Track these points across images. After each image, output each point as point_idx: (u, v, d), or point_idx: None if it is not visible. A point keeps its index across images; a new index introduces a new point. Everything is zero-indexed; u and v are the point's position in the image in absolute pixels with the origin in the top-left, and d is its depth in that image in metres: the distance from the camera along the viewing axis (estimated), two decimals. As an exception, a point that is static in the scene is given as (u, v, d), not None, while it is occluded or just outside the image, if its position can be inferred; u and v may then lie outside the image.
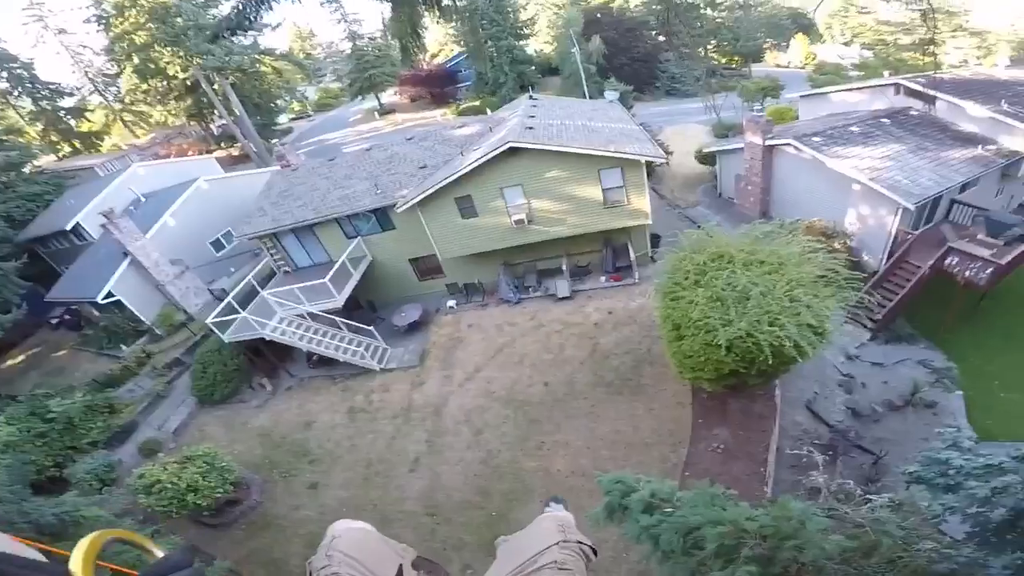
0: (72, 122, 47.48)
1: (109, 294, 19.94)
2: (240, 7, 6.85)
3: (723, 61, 52.88)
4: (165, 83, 40.47)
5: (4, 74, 42.31)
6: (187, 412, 17.41)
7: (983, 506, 5.36)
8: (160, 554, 0.77)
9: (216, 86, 39.05)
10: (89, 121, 48.69)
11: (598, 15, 45.17)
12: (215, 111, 42.67)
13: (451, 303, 18.96)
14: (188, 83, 39.75)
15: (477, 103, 43.09)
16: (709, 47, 50.93)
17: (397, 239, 18.56)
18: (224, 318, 16.73)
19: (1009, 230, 14.98)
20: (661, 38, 46.25)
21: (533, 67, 47.65)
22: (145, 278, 20.73)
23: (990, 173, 16.98)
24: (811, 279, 9.95)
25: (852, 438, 12.16)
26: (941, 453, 6.21)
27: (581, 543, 1.91)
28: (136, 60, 38.63)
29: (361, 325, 17.48)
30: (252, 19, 6.86)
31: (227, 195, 25.16)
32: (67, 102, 46.98)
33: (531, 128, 16.38)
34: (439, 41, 64.20)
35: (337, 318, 17.18)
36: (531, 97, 22.81)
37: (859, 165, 16.18)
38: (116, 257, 20.71)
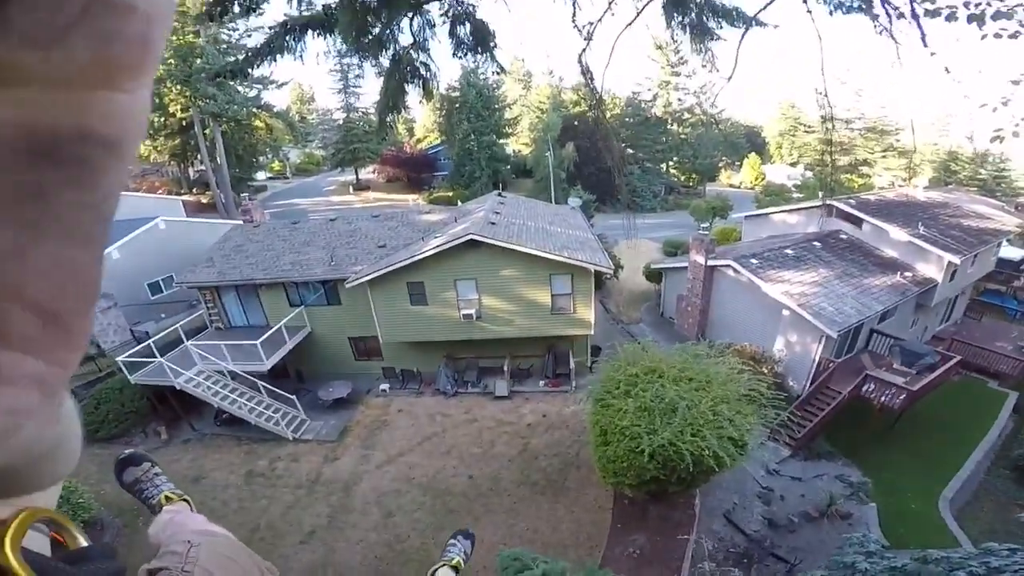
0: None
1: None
2: (248, 55, 7.06)
3: (682, 178, 56.13)
4: (163, 119, 40.15)
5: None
6: (61, 444, 15.98)
7: (888, 609, 5.34)
8: (84, 543, 0.67)
9: (207, 131, 39.13)
10: (72, 145, 48.22)
11: (576, 122, 47.56)
12: (198, 155, 42.34)
13: (384, 386, 18.51)
14: (184, 123, 39.80)
15: (450, 194, 43.88)
16: (671, 163, 53.88)
17: (341, 315, 18.30)
18: (137, 359, 16.01)
19: (921, 360, 16.31)
20: (629, 151, 48.38)
21: (508, 166, 49.59)
22: (66, 306, 19.63)
23: (907, 303, 18.35)
24: (735, 397, 10.68)
25: (767, 547, 12.32)
26: (847, 557, 6.24)
27: None
28: (144, 91, 39.22)
29: (283, 393, 16.83)
30: (255, 66, 7.23)
31: (182, 240, 24.65)
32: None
33: (494, 224, 16.95)
34: (426, 127, 67.20)
35: (259, 382, 16.51)
36: (500, 194, 23.85)
37: (790, 291, 17.08)
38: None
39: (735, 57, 6.43)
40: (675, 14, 6.85)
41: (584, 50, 6.16)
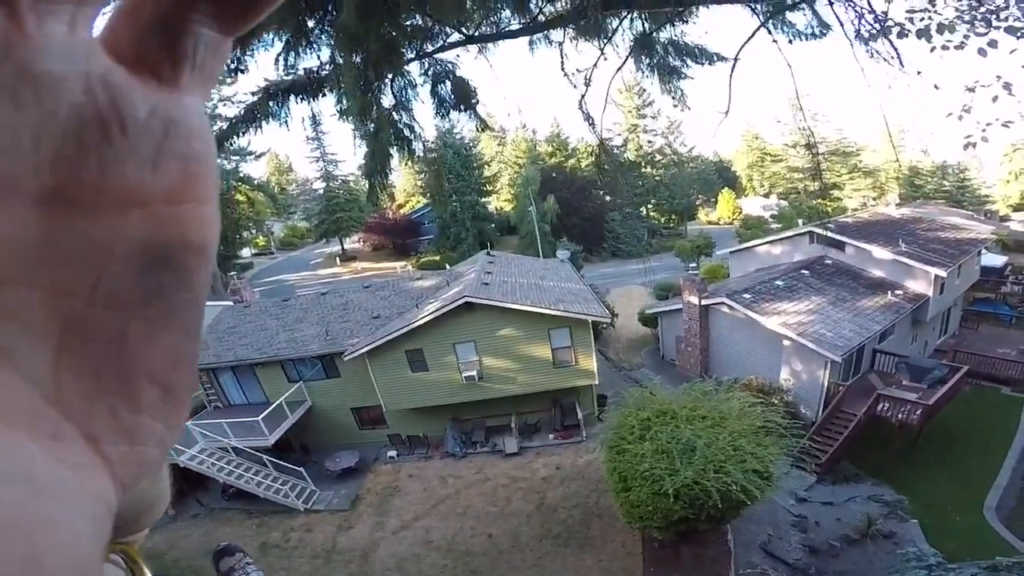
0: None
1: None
2: (232, 122, 7.00)
3: (662, 220, 56.40)
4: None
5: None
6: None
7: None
8: (149, 574, 0.75)
9: (187, 208, 39.32)
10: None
11: (553, 174, 48.18)
12: (180, 234, 42.20)
13: (392, 453, 18.12)
14: (163, 202, 39.91)
15: (437, 257, 43.32)
16: (649, 206, 54.30)
17: (341, 387, 18.13)
18: (138, 440, 15.64)
19: (930, 374, 16.43)
20: (608, 197, 47.91)
21: (493, 225, 49.26)
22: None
23: (902, 319, 18.48)
24: (752, 430, 10.83)
25: (813, 574, 12.00)
26: (908, 573, 6.00)
27: None
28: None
29: (290, 465, 16.53)
30: (240, 134, 7.05)
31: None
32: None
33: (487, 284, 17.11)
34: (406, 191, 67.82)
35: (264, 456, 16.27)
36: (488, 254, 24.11)
37: (787, 321, 17.23)
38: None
39: (728, 92, 6.61)
40: (643, 56, 7.16)
41: (583, 96, 6.40)
